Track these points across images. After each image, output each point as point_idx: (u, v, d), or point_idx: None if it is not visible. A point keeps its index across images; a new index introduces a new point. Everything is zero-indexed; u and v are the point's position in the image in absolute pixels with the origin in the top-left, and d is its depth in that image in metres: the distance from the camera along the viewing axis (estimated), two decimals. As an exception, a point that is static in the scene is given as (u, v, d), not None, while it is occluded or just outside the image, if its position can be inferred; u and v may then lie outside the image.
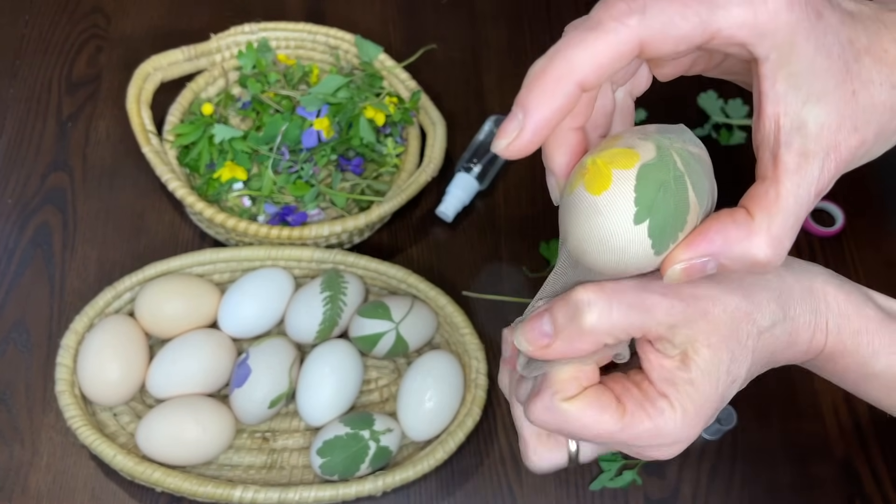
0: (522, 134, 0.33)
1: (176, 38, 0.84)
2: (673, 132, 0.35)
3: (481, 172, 0.80)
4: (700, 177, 0.34)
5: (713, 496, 0.69)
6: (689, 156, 0.34)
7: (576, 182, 0.34)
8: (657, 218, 0.33)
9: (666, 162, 0.33)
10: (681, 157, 0.34)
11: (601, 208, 0.33)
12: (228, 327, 0.70)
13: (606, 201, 0.33)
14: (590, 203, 0.33)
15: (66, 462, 0.67)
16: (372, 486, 0.64)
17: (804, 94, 0.33)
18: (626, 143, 0.34)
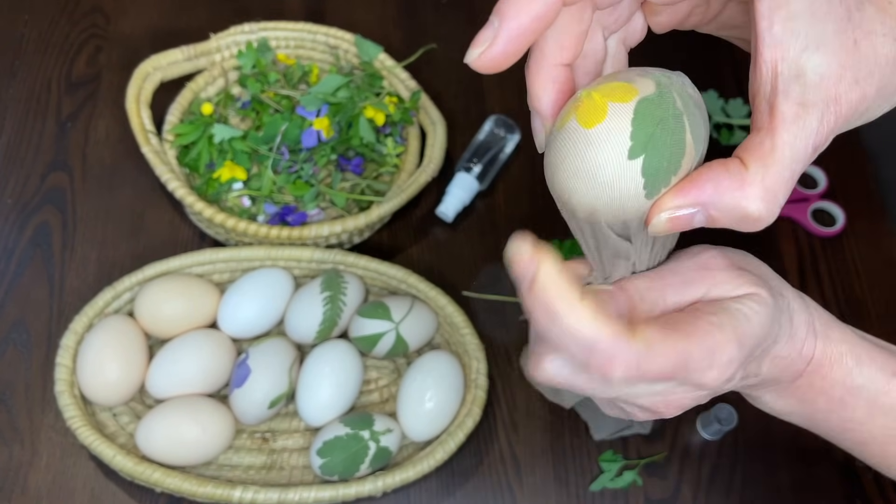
0: (496, 41, 0.30)
1: (175, 37, 0.84)
2: (672, 75, 0.34)
3: (481, 172, 0.80)
4: (697, 120, 0.33)
5: (713, 497, 0.69)
6: (688, 97, 0.33)
7: (567, 116, 0.32)
8: (652, 156, 0.31)
9: (665, 99, 0.31)
10: (680, 98, 0.32)
11: (593, 140, 0.30)
12: (228, 327, 0.70)
13: (600, 134, 0.30)
14: (581, 135, 0.31)
15: (66, 462, 0.67)
16: (372, 486, 0.64)
17: (803, 40, 0.31)
18: (625, 77, 0.32)
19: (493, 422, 0.71)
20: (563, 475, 0.69)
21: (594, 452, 0.70)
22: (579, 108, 0.31)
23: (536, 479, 0.69)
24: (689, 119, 0.32)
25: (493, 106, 0.86)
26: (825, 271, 0.78)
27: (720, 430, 0.70)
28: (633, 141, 0.30)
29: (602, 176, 0.31)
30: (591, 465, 0.69)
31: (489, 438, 0.70)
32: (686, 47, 0.92)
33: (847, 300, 0.77)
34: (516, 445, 0.70)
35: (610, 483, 0.68)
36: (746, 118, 0.86)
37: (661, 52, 0.97)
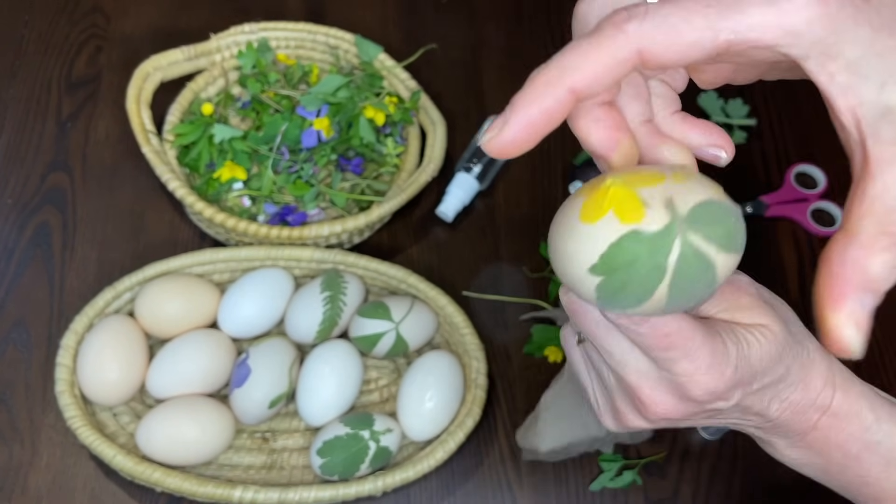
0: (504, 129, 0.32)
1: (176, 37, 0.84)
2: (713, 213, 0.30)
3: (481, 172, 0.80)
4: (690, 281, 0.30)
5: (713, 497, 0.69)
6: (693, 256, 0.30)
7: (581, 194, 0.32)
8: (609, 284, 0.31)
9: (660, 244, 0.30)
10: (686, 247, 0.30)
11: (575, 234, 0.31)
12: (228, 327, 0.70)
13: (582, 233, 0.31)
14: (572, 221, 0.31)
15: (66, 462, 0.67)
16: (372, 486, 0.64)
17: (878, 79, 0.28)
18: (646, 193, 0.30)
19: (493, 422, 0.71)
20: (562, 475, 0.69)
21: (594, 452, 0.70)
22: (590, 197, 0.31)
23: (536, 479, 0.69)
24: (676, 277, 0.30)
25: (493, 106, 0.86)
26: (825, 271, 0.78)
27: (720, 430, 0.70)
28: (600, 261, 0.30)
29: (569, 269, 0.31)
30: (590, 465, 0.69)
31: (489, 438, 0.70)
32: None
33: (847, 300, 0.77)
34: (516, 445, 0.70)
35: (610, 483, 0.68)
36: (746, 118, 0.86)
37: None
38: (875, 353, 0.75)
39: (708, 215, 0.30)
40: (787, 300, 0.43)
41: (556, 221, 0.33)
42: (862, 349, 0.31)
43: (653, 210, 0.29)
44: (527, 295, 0.76)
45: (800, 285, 0.77)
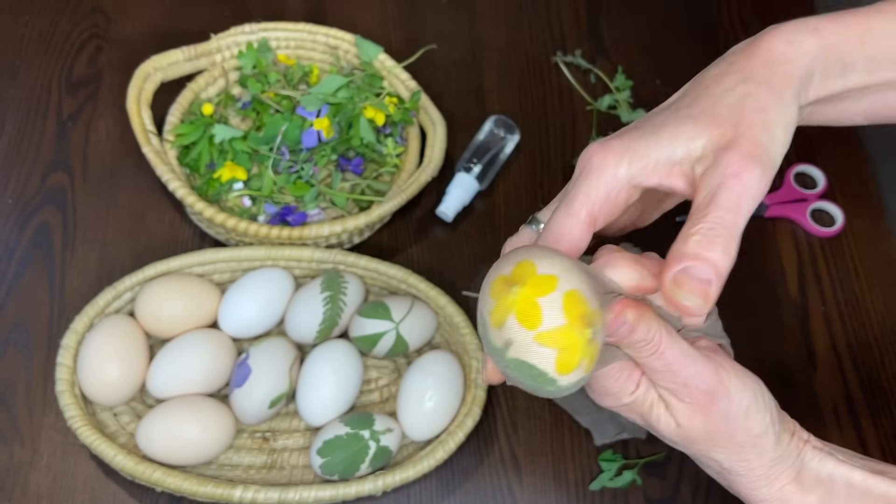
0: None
1: (176, 38, 0.84)
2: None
3: (481, 172, 0.80)
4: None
5: (713, 496, 0.69)
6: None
7: (503, 304, 0.38)
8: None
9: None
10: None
11: (487, 328, 0.39)
12: (228, 327, 0.70)
13: (491, 330, 0.39)
14: (485, 320, 0.40)
15: (67, 462, 0.67)
16: (372, 485, 0.64)
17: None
18: (497, 337, 0.39)
19: (493, 421, 0.71)
20: (562, 474, 0.69)
21: (594, 452, 0.70)
22: (498, 302, 0.38)
23: (536, 479, 0.69)
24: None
25: (493, 106, 0.87)
26: (824, 272, 0.79)
27: (720, 430, 0.70)
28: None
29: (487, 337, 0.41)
30: (590, 465, 0.69)
31: (489, 438, 0.70)
32: (677, 43, 0.93)
33: (846, 300, 0.77)
34: (516, 445, 0.70)
35: (609, 482, 0.68)
36: (746, 118, 0.86)
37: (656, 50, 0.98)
38: (875, 354, 0.75)
39: (520, 368, 0.38)
40: (787, 300, 0.43)
41: (508, 255, 0.40)
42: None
43: (499, 332, 0.38)
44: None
45: (799, 285, 0.77)
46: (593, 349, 0.38)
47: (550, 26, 0.92)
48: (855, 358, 0.75)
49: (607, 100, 0.87)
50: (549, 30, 0.92)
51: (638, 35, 0.92)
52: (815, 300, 0.77)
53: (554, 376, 0.37)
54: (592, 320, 0.37)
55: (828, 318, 0.76)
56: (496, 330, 0.38)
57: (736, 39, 0.96)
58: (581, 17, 0.93)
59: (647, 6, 0.94)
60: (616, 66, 0.89)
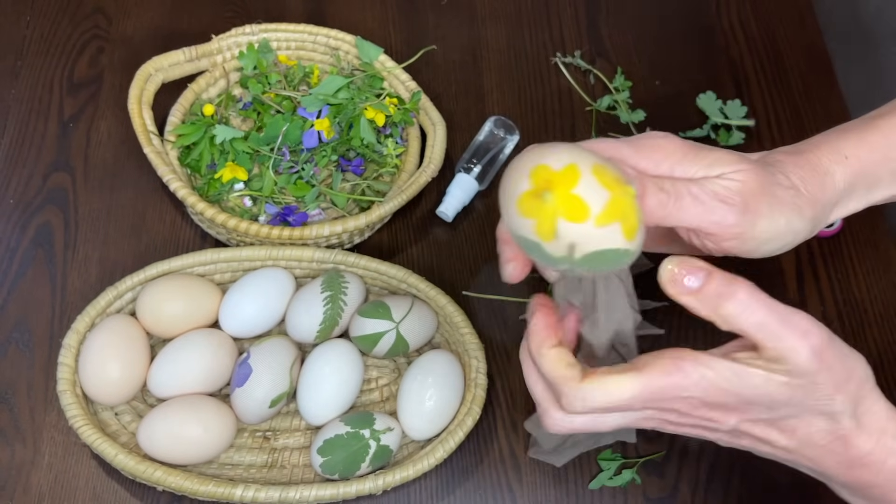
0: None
1: (177, 39, 0.85)
2: (603, 258, 0.38)
3: (481, 173, 0.80)
4: (572, 284, 0.42)
5: (712, 495, 0.69)
6: (575, 275, 0.39)
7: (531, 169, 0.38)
8: (522, 244, 0.40)
9: (549, 262, 0.39)
10: (566, 272, 0.39)
11: (513, 207, 0.39)
12: (229, 327, 0.71)
13: (515, 211, 0.38)
14: (512, 197, 0.38)
15: (68, 461, 0.68)
16: (372, 484, 0.64)
17: None
18: (563, 227, 0.37)
19: (493, 421, 0.71)
20: (562, 474, 0.69)
21: (593, 451, 0.70)
22: (535, 192, 0.37)
23: (536, 478, 0.69)
24: (561, 283, 0.42)
25: (493, 107, 0.87)
26: (823, 272, 0.79)
27: (719, 430, 0.70)
28: (514, 233, 0.40)
29: (505, 211, 0.41)
30: (589, 464, 0.70)
31: (489, 437, 0.70)
32: (676, 44, 0.93)
33: (845, 301, 0.77)
34: (516, 444, 0.70)
35: (609, 481, 0.69)
36: (744, 119, 0.86)
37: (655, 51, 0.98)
38: (874, 354, 0.75)
39: (595, 260, 0.37)
40: (786, 300, 0.43)
41: (511, 179, 0.39)
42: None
43: (556, 243, 0.37)
44: (527, 295, 0.76)
45: (798, 286, 0.78)
46: (638, 208, 0.38)
47: (550, 27, 0.92)
48: (853, 358, 0.75)
49: (607, 100, 0.87)
50: (548, 30, 0.92)
51: (637, 36, 0.92)
52: (814, 300, 0.77)
53: (627, 247, 0.37)
54: (626, 178, 0.38)
55: (826, 318, 0.76)
56: (551, 243, 0.37)
57: (735, 40, 0.97)
58: (580, 18, 0.93)
59: (646, 7, 0.94)
60: (615, 67, 0.89)
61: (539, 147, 0.38)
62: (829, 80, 0.90)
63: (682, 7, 0.95)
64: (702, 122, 0.87)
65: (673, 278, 0.41)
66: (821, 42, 0.93)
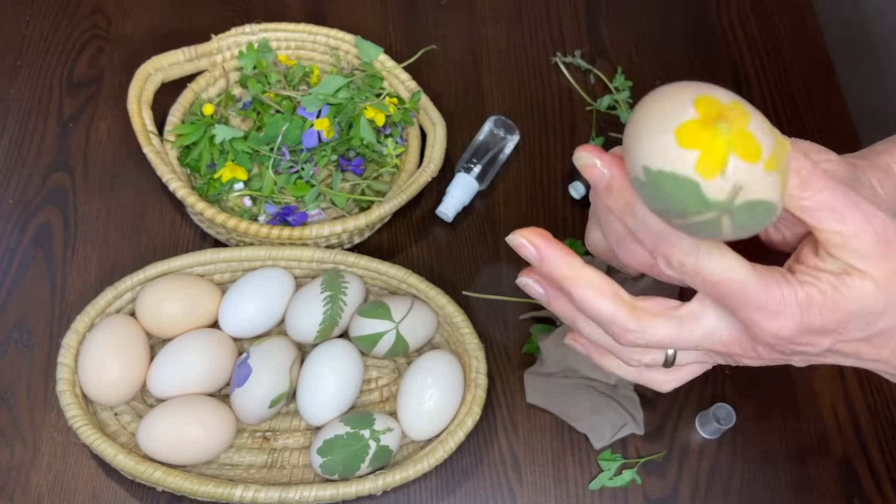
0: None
1: (177, 38, 0.85)
2: (757, 211, 0.34)
3: (481, 172, 0.80)
4: (708, 231, 0.34)
5: (712, 496, 0.69)
6: (717, 224, 0.34)
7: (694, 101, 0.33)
8: (652, 188, 0.34)
9: (701, 204, 0.33)
10: (710, 219, 0.33)
11: (666, 135, 0.33)
12: (229, 327, 0.71)
13: (670, 141, 0.33)
14: (669, 128, 0.33)
15: (68, 461, 0.68)
16: (372, 485, 0.64)
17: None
18: (733, 165, 0.32)
19: (492, 421, 0.71)
20: (562, 474, 0.69)
21: (593, 451, 0.70)
22: (706, 123, 0.32)
23: (536, 478, 0.69)
24: (697, 226, 0.34)
25: (493, 106, 0.87)
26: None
27: (719, 430, 0.70)
28: (656, 171, 0.33)
29: (644, 143, 0.34)
30: (590, 464, 0.69)
31: (489, 437, 0.70)
32: (676, 43, 0.93)
33: None
34: (516, 445, 0.70)
35: (609, 482, 0.68)
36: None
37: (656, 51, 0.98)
38: (874, 353, 0.75)
39: (751, 211, 0.33)
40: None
41: (665, 104, 0.33)
42: None
43: (720, 182, 0.32)
44: (526, 295, 0.76)
45: (799, 285, 0.78)
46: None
47: (550, 27, 0.92)
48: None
49: (607, 100, 0.87)
50: (548, 30, 0.92)
51: (637, 36, 0.92)
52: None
53: (779, 203, 0.34)
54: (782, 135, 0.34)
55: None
56: (713, 180, 0.32)
57: (735, 40, 0.97)
58: (581, 18, 0.93)
59: (646, 7, 0.94)
60: (616, 67, 0.89)
61: (685, 83, 0.34)
62: (829, 80, 0.90)
63: (682, 7, 0.95)
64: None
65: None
66: (821, 42, 0.93)
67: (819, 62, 0.91)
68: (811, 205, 0.37)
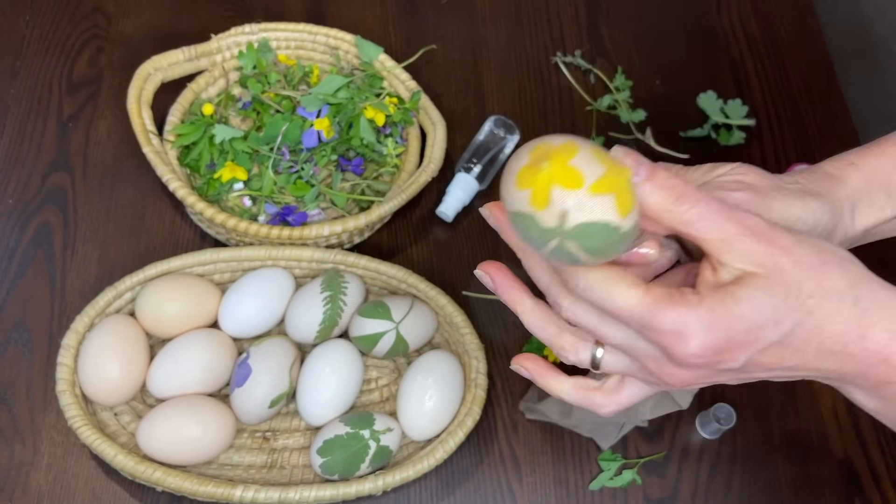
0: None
1: (176, 38, 0.85)
2: (594, 231, 0.37)
3: (481, 172, 0.80)
4: (566, 257, 0.38)
5: (712, 496, 0.69)
6: (565, 251, 0.38)
7: (529, 154, 0.38)
8: (516, 223, 0.39)
9: (542, 234, 0.37)
10: (556, 247, 0.38)
11: (512, 183, 0.38)
12: (229, 327, 0.71)
13: (514, 186, 0.38)
14: (511, 174, 0.38)
15: (67, 461, 0.68)
16: (372, 485, 0.64)
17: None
18: (558, 195, 0.37)
19: (492, 421, 0.71)
20: (562, 474, 0.69)
21: (594, 451, 0.70)
22: (531, 165, 0.37)
23: (536, 478, 0.69)
24: (554, 253, 0.39)
25: (493, 106, 0.87)
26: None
27: (719, 430, 0.70)
28: (511, 213, 0.38)
29: (504, 193, 0.39)
30: (590, 464, 0.69)
31: (489, 438, 0.70)
32: (676, 43, 0.93)
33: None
34: (516, 445, 0.70)
35: (609, 482, 0.68)
36: (745, 118, 0.86)
37: (655, 50, 0.98)
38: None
39: (588, 232, 0.37)
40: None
41: (512, 161, 0.38)
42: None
43: (550, 210, 0.37)
44: (526, 295, 0.76)
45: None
46: (633, 191, 0.38)
47: (550, 26, 0.92)
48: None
49: (607, 100, 0.87)
50: (548, 30, 0.92)
51: (637, 35, 0.92)
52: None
53: (619, 222, 0.37)
54: (622, 165, 0.38)
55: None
56: (544, 211, 0.37)
57: (735, 40, 0.96)
58: (581, 18, 0.93)
59: (646, 7, 0.94)
60: (616, 67, 0.89)
61: (547, 136, 0.39)
62: (829, 80, 0.90)
63: (682, 7, 0.95)
64: (702, 121, 0.86)
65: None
66: (821, 42, 0.93)
67: (819, 62, 0.91)
68: (690, 217, 0.38)
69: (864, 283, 0.40)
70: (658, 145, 0.84)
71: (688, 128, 0.86)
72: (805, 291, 0.39)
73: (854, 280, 0.40)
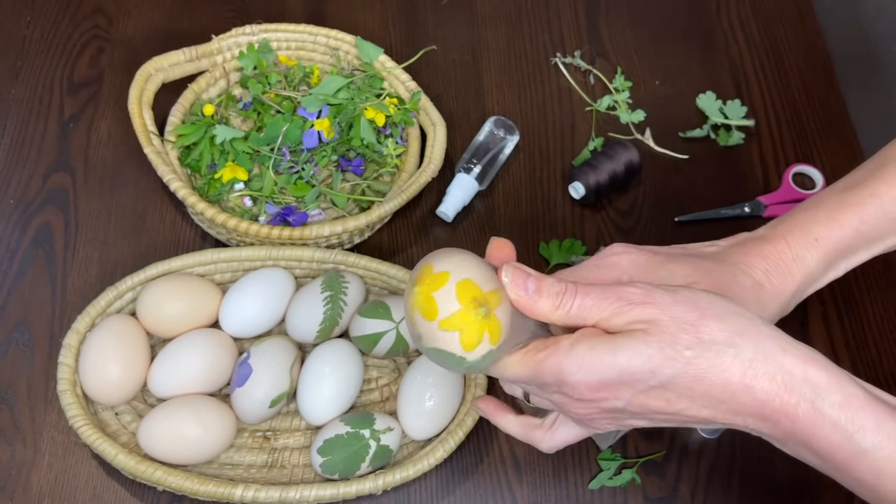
0: None
1: (177, 39, 0.85)
2: (435, 357, 0.44)
3: (481, 173, 0.80)
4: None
5: (711, 495, 0.69)
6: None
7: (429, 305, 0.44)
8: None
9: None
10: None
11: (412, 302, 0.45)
12: (229, 327, 0.71)
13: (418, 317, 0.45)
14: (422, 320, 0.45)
15: (68, 461, 0.68)
16: (372, 484, 0.64)
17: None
18: (421, 327, 0.44)
19: (492, 421, 0.71)
20: (562, 473, 0.69)
21: (593, 451, 0.70)
22: (421, 291, 0.44)
23: (536, 478, 0.69)
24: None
25: (493, 107, 0.87)
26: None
27: (718, 429, 0.70)
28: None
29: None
30: (589, 464, 0.70)
31: (489, 437, 0.70)
32: (676, 44, 0.93)
33: (845, 302, 0.77)
34: (516, 444, 0.70)
35: (609, 481, 0.69)
36: (744, 119, 0.86)
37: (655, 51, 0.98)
38: (873, 353, 0.75)
39: (437, 355, 0.44)
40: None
41: (419, 263, 0.45)
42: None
43: (413, 329, 0.45)
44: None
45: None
46: (493, 324, 0.43)
47: (550, 27, 0.92)
48: (853, 357, 0.75)
49: (607, 100, 0.87)
50: (548, 31, 0.92)
51: (637, 36, 0.92)
52: (814, 300, 0.77)
53: (462, 355, 0.43)
54: (486, 300, 0.43)
55: (826, 319, 0.77)
56: (410, 326, 0.45)
57: (735, 40, 0.97)
58: (580, 19, 0.93)
59: (645, 7, 0.95)
60: (615, 67, 0.89)
61: (448, 251, 0.45)
62: (829, 80, 0.90)
63: (682, 7, 0.95)
64: (702, 122, 0.87)
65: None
66: (821, 42, 0.93)
67: (819, 62, 0.92)
68: (576, 311, 0.44)
69: (747, 334, 0.42)
70: (657, 146, 0.84)
71: (687, 128, 0.86)
72: (682, 343, 0.42)
73: (733, 332, 0.42)
